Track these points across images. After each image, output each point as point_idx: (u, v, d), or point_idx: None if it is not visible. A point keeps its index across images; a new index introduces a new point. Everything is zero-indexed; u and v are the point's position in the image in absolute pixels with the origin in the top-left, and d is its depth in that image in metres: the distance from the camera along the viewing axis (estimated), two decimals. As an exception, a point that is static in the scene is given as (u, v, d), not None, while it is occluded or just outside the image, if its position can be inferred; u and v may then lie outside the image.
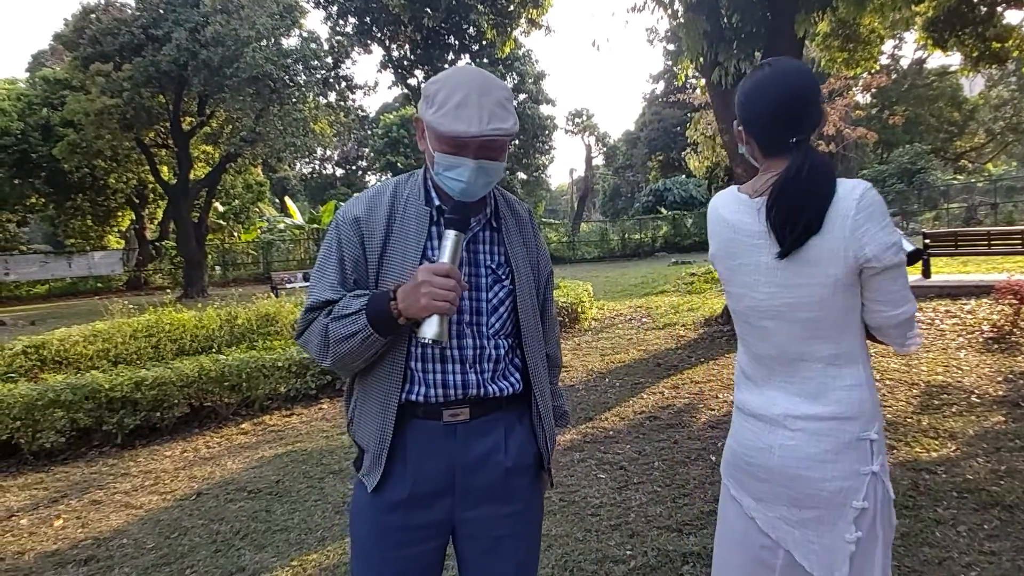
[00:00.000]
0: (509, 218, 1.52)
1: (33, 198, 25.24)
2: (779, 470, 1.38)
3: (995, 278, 7.73)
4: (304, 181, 47.95)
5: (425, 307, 1.24)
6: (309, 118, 21.38)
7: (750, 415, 1.46)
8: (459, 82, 1.31)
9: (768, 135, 1.41)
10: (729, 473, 1.53)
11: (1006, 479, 3.32)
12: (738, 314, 1.49)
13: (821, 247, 1.30)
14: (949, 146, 34.59)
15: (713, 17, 6.83)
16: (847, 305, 1.35)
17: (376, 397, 1.40)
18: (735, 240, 1.43)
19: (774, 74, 1.41)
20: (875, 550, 1.36)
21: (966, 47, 9.43)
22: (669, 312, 9.63)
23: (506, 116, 1.31)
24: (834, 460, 1.34)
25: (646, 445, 4.27)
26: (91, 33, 18.57)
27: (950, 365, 5.47)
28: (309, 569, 2.96)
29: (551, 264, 1.66)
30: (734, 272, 1.46)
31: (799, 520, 1.38)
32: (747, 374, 1.50)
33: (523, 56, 33.17)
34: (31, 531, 3.60)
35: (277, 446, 4.84)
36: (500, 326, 1.45)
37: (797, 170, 1.33)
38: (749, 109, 1.43)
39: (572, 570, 2.80)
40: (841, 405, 1.35)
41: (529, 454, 1.50)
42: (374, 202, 1.43)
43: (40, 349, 6.34)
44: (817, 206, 1.30)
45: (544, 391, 1.53)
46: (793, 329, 1.37)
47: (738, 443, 1.48)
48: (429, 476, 1.40)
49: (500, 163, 1.37)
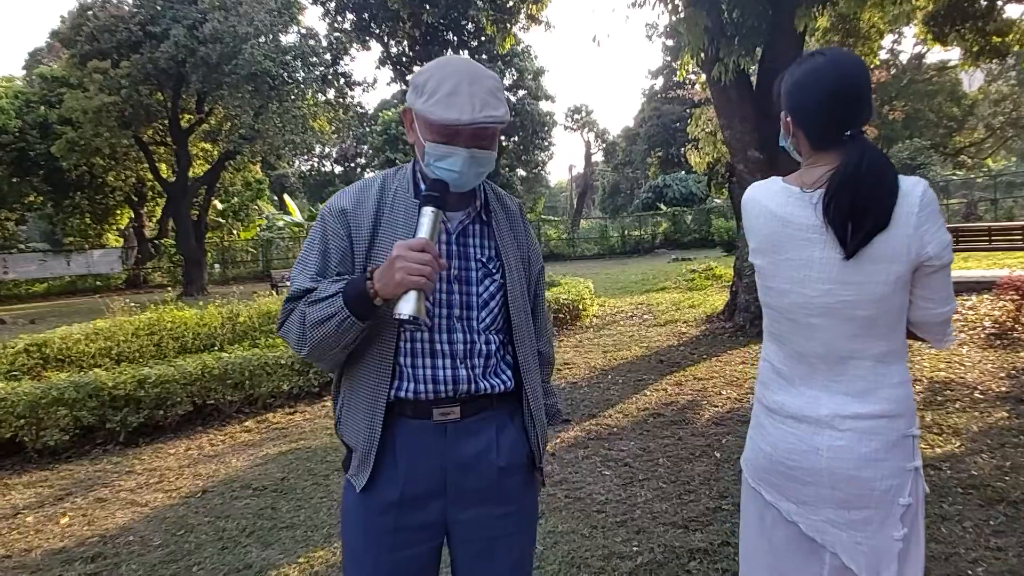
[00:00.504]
0: (499, 212, 1.49)
1: (31, 196, 25.21)
2: (828, 472, 1.35)
3: (996, 274, 7.74)
4: (303, 179, 47.87)
5: (400, 282, 1.19)
6: (308, 115, 21.36)
7: (788, 417, 1.41)
8: (449, 71, 1.30)
9: (820, 127, 1.37)
10: (761, 479, 1.47)
11: (1011, 475, 3.32)
12: (780, 310, 1.43)
13: (886, 244, 1.28)
14: (948, 141, 34.54)
15: (714, 12, 6.81)
16: (902, 302, 1.34)
17: (364, 394, 1.37)
18: (783, 233, 1.37)
19: (828, 63, 1.37)
20: (918, 545, 1.37)
21: (966, 41, 9.43)
22: (670, 309, 9.64)
23: (497, 104, 1.29)
24: (884, 459, 1.33)
25: (650, 442, 4.27)
26: (88, 30, 18.52)
27: (952, 361, 5.47)
28: (316, 566, 2.97)
29: (542, 260, 1.63)
30: (780, 267, 1.40)
31: (847, 522, 1.35)
32: (782, 374, 1.44)
33: (522, 52, 33.08)
34: (37, 529, 3.60)
35: (281, 443, 4.84)
36: (491, 321, 1.43)
37: (856, 165, 1.29)
38: (800, 99, 1.39)
39: (579, 566, 2.81)
40: (890, 403, 1.34)
41: (521, 453, 1.47)
42: (362, 195, 1.41)
43: (42, 347, 6.34)
44: (884, 203, 1.28)
45: (536, 388, 1.50)
46: (847, 327, 1.34)
47: (772, 447, 1.43)
48: (420, 477, 1.37)
49: (492, 152, 1.36)
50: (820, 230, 1.33)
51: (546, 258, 14.04)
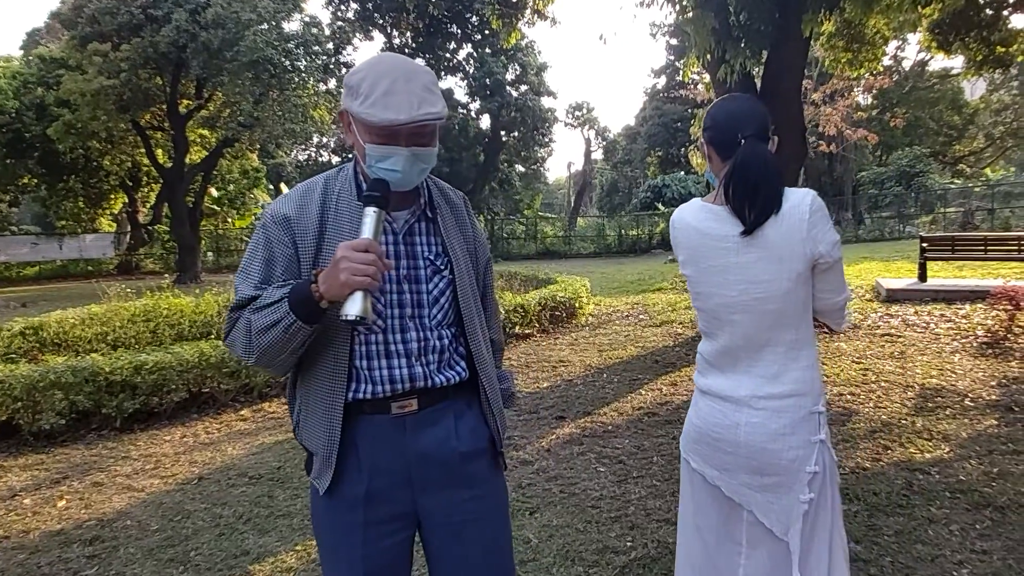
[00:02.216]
0: (444, 207, 1.50)
1: (25, 178, 25.07)
2: (744, 444, 1.58)
3: (991, 283, 7.82)
4: (299, 168, 47.69)
5: (345, 283, 1.19)
6: (309, 104, 21.25)
7: (717, 397, 1.64)
8: (383, 70, 1.30)
9: (721, 137, 1.63)
10: (690, 448, 1.71)
11: (998, 481, 3.38)
12: (707, 311, 1.66)
13: (784, 246, 1.53)
14: (948, 150, 34.73)
15: (722, 14, 6.83)
16: (805, 295, 1.59)
17: (321, 398, 1.37)
18: (704, 244, 1.61)
19: (729, 98, 1.70)
20: (826, 508, 1.59)
21: (970, 50, 9.47)
22: (666, 310, 9.68)
23: (435, 100, 1.30)
24: (791, 432, 1.56)
25: (645, 440, 4.31)
26: (90, 12, 18.37)
27: (944, 368, 5.53)
28: (313, 554, 2.99)
29: (488, 250, 1.65)
30: (704, 274, 1.63)
31: (760, 485, 1.59)
32: (712, 363, 1.68)
33: (526, 47, 33.03)
34: (35, 511, 3.62)
35: (277, 433, 4.86)
36: (442, 317, 1.44)
37: (743, 155, 1.55)
38: (709, 122, 1.67)
39: (573, 559, 2.85)
40: (798, 384, 1.57)
41: (483, 438, 1.49)
42: (304, 200, 1.40)
43: (38, 331, 6.34)
44: (772, 184, 1.53)
45: (491, 376, 1.53)
46: (762, 320, 1.57)
47: (703, 421, 1.67)
48: (383, 470, 1.39)
49: (433, 148, 1.36)
50: (732, 239, 1.57)
51: (542, 255, 14.23)
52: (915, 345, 6.36)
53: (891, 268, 12.33)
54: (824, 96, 21.50)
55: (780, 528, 1.57)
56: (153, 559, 3.02)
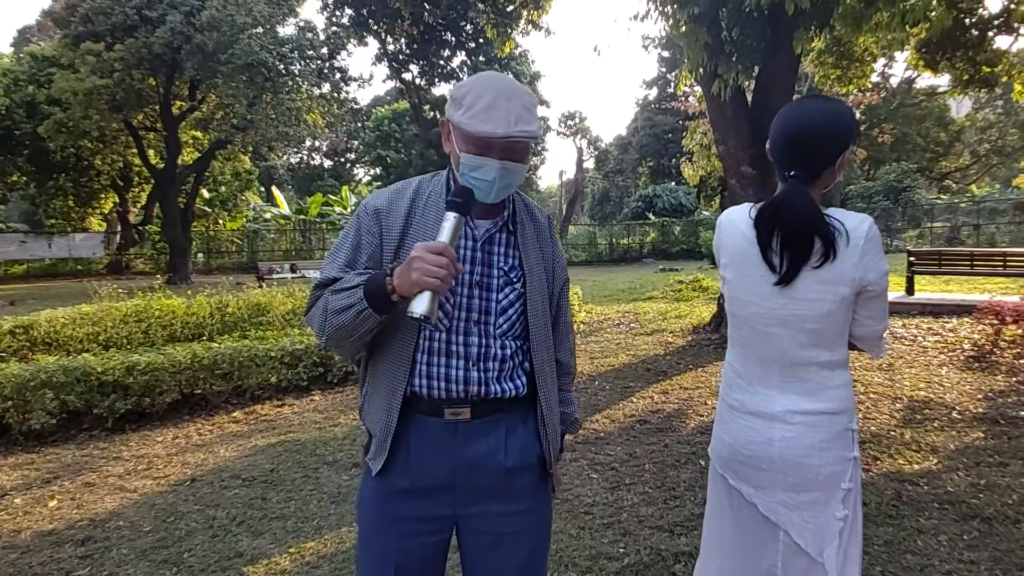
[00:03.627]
0: (527, 223, 1.54)
1: (14, 176, 24.83)
2: (780, 459, 1.55)
3: (977, 298, 7.94)
4: (292, 171, 47.57)
5: (415, 282, 1.25)
6: (302, 108, 21.25)
7: (747, 413, 1.61)
8: (487, 86, 1.36)
9: (776, 163, 1.59)
10: (725, 466, 1.67)
11: (985, 492, 3.44)
12: (743, 319, 1.63)
13: (835, 269, 1.49)
14: (935, 166, 35.20)
15: (714, 29, 6.93)
16: (845, 319, 1.55)
17: (384, 384, 1.44)
18: (751, 252, 1.57)
19: (799, 109, 1.56)
20: (856, 525, 1.57)
21: (956, 69, 9.65)
22: (657, 318, 9.74)
23: (531, 119, 1.36)
24: (828, 448, 1.53)
25: (637, 448, 4.34)
26: (83, 11, 18.32)
27: (932, 381, 5.61)
28: (307, 556, 3.00)
29: (567, 272, 1.67)
30: (745, 281, 1.59)
31: (796, 503, 1.55)
32: (741, 375, 1.64)
33: (519, 56, 33.22)
34: (26, 511, 3.59)
35: (270, 435, 4.85)
36: (508, 327, 1.47)
37: (777, 204, 1.52)
38: (771, 136, 1.60)
39: (567, 565, 2.87)
40: (833, 402, 1.55)
41: (532, 455, 1.51)
42: (396, 196, 1.48)
43: (29, 330, 6.29)
44: (806, 238, 1.49)
45: (550, 396, 1.54)
46: (798, 336, 1.54)
47: (733, 439, 1.63)
48: (429, 472, 1.44)
49: (523, 165, 1.41)
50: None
51: None
52: (903, 358, 6.45)
53: (879, 281, 12.47)
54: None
55: (816, 548, 1.53)
56: (146, 560, 3.01)
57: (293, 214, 31.50)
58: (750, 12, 6.33)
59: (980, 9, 8.91)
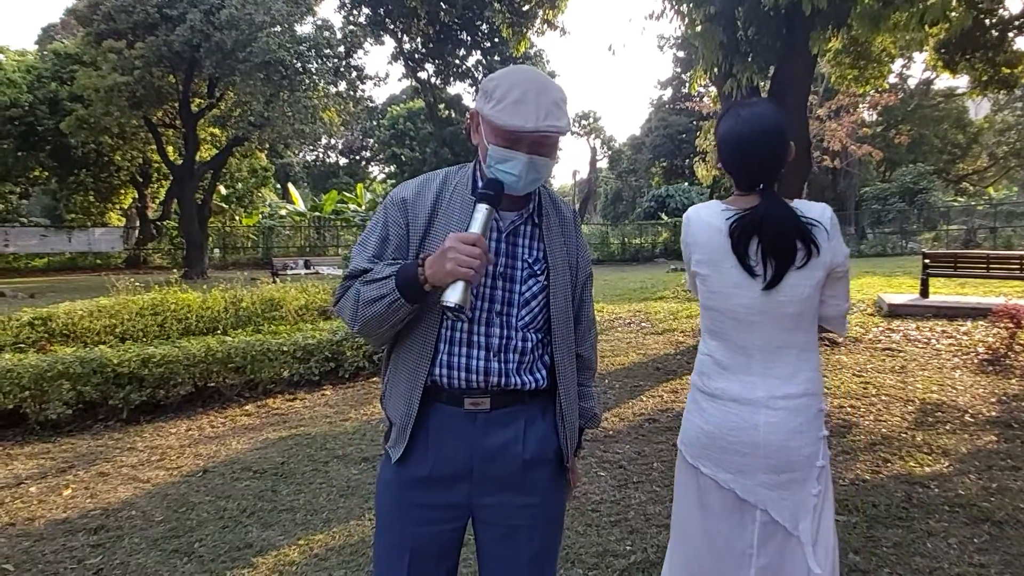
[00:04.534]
0: (552, 216, 1.54)
1: (36, 171, 25.25)
2: (764, 444, 1.62)
3: (992, 301, 7.83)
4: (307, 168, 47.91)
5: (449, 272, 1.26)
6: (319, 106, 21.41)
7: (730, 400, 1.66)
8: (518, 80, 1.37)
9: (737, 179, 1.68)
10: (699, 455, 1.71)
11: (996, 496, 3.41)
12: (723, 311, 1.67)
13: (813, 259, 1.60)
14: (952, 168, 34.76)
15: (730, 29, 6.90)
16: (817, 301, 1.66)
17: (405, 373, 1.46)
18: (727, 246, 1.62)
19: (743, 125, 1.65)
20: (828, 500, 1.68)
21: (975, 71, 9.54)
22: (668, 318, 9.70)
23: (560, 115, 1.36)
24: (807, 430, 1.63)
25: (645, 446, 4.34)
26: (105, 9, 18.59)
27: (945, 384, 5.56)
28: (316, 548, 3.03)
29: (591, 267, 1.67)
30: (724, 274, 1.64)
31: (777, 483, 1.63)
32: (722, 364, 1.69)
33: (535, 56, 33.20)
34: (40, 499, 3.67)
35: (281, 429, 4.90)
36: (530, 320, 1.47)
37: (764, 217, 1.59)
38: (723, 154, 1.69)
39: (573, 561, 2.88)
40: (809, 384, 1.65)
41: (550, 449, 1.52)
42: (423, 187, 1.49)
43: (47, 321, 6.40)
44: (791, 244, 1.58)
45: (569, 389, 1.54)
46: (781, 322, 1.63)
47: (715, 426, 1.67)
48: (447, 460, 1.45)
49: (551, 160, 1.42)
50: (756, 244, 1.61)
51: None
52: (916, 360, 6.39)
53: (893, 283, 12.35)
54: (829, 112, 21.57)
55: (792, 523, 1.62)
56: (157, 549, 3.06)
57: (308, 211, 31.74)
58: (767, 11, 6.30)
59: (1000, 9, 8.79)
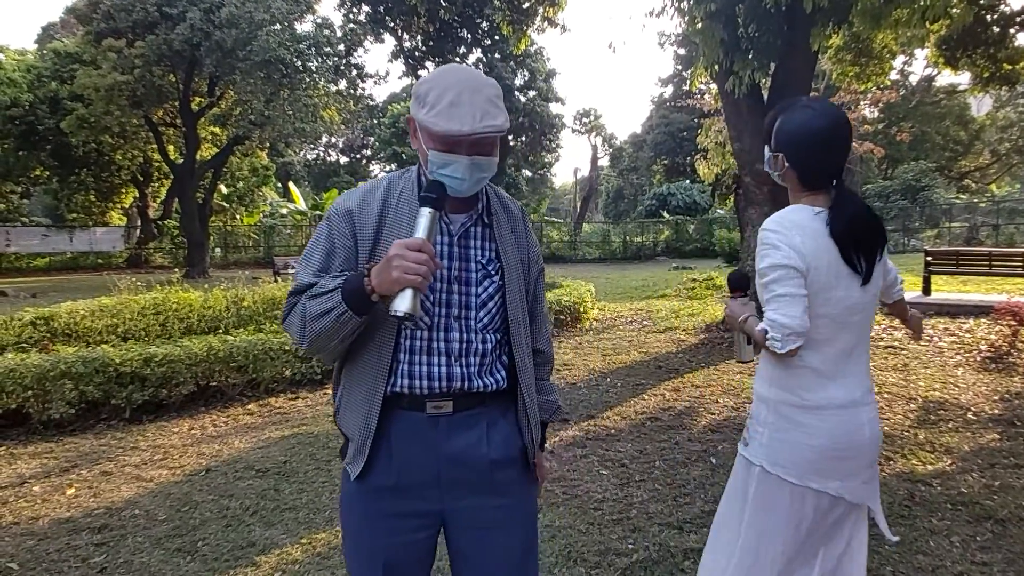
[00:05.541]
0: (501, 214, 1.53)
1: (37, 170, 25.23)
2: (869, 440, 1.70)
3: (994, 299, 7.83)
4: (308, 167, 47.90)
5: (396, 280, 1.23)
6: (319, 104, 21.40)
7: (838, 408, 1.67)
8: (450, 82, 1.33)
9: (813, 174, 1.69)
10: (807, 472, 1.67)
11: (999, 494, 3.40)
12: (833, 316, 1.66)
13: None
14: (954, 165, 34.69)
15: (730, 26, 6.89)
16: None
17: (362, 388, 1.41)
18: (834, 252, 1.65)
19: (822, 118, 1.66)
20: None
21: (977, 67, 9.52)
22: (670, 316, 9.71)
23: (497, 113, 1.33)
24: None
25: (647, 445, 4.34)
26: (105, 8, 18.59)
27: (947, 382, 5.55)
28: (319, 547, 3.04)
29: (542, 261, 1.67)
30: (839, 278, 1.65)
31: (871, 476, 1.73)
32: (821, 372, 1.68)
33: (535, 53, 33.14)
34: (44, 498, 3.67)
35: (283, 428, 4.91)
36: (488, 321, 1.46)
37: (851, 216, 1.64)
38: (796, 148, 1.69)
39: (575, 560, 2.88)
40: (871, 377, 1.77)
41: (515, 447, 1.50)
42: (368, 197, 1.45)
43: (49, 321, 6.41)
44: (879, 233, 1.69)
45: (530, 387, 1.54)
46: (867, 321, 1.72)
47: (828, 437, 1.66)
48: (413, 466, 1.42)
49: (493, 158, 1.39)
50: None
51: (547, 259, 13.79)
52: (918, 358, 6.38)
53: (896, 281, 12.33)
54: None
55: (874, 504, 1.75)
56: (161, 548, 3.06)
57: (309, 210, 31.74)
58: (767, 8, 6.28)
59: (1002, 5, 8.77)
